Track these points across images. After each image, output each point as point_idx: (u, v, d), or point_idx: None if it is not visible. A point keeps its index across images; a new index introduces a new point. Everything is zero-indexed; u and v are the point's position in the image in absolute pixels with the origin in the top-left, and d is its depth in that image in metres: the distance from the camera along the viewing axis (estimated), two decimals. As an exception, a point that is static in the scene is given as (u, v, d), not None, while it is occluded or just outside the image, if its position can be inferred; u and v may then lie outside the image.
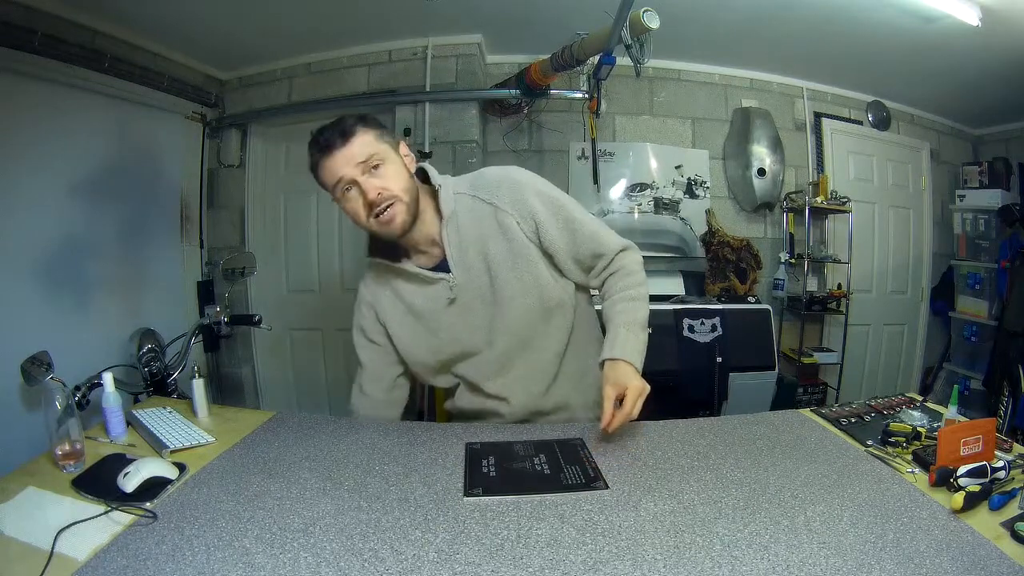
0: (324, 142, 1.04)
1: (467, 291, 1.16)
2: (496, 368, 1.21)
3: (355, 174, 1.04)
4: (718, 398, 2.58)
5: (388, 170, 1.07)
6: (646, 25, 1.88)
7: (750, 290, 3.02)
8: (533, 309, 1.17)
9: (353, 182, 1.05)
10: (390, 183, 1.06)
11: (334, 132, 1.04)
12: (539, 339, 1.20)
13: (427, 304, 1.18)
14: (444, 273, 1.16)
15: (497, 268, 1.15)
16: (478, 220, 1.15)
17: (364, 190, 1.05)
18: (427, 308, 1.18)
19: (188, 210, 2.93)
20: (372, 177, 1.05)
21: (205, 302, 2.83)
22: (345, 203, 1.08)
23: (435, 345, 1.21)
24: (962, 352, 3.45)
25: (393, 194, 1.06)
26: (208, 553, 0.75)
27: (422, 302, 1.18)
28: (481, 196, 1.15)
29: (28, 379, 1.54)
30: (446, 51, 2.76)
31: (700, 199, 3.14)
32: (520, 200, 1.14)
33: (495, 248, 1.14)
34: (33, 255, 2.06)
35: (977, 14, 2.16)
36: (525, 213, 1.14)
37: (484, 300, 1.17)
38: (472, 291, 1.16)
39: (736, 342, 2.59)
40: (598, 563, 0.72)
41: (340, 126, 1.05)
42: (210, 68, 2.91)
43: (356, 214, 1.08)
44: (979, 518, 0.81)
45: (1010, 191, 3.33)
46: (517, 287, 1.15)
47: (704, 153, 3.17)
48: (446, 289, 1.16)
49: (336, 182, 1.05)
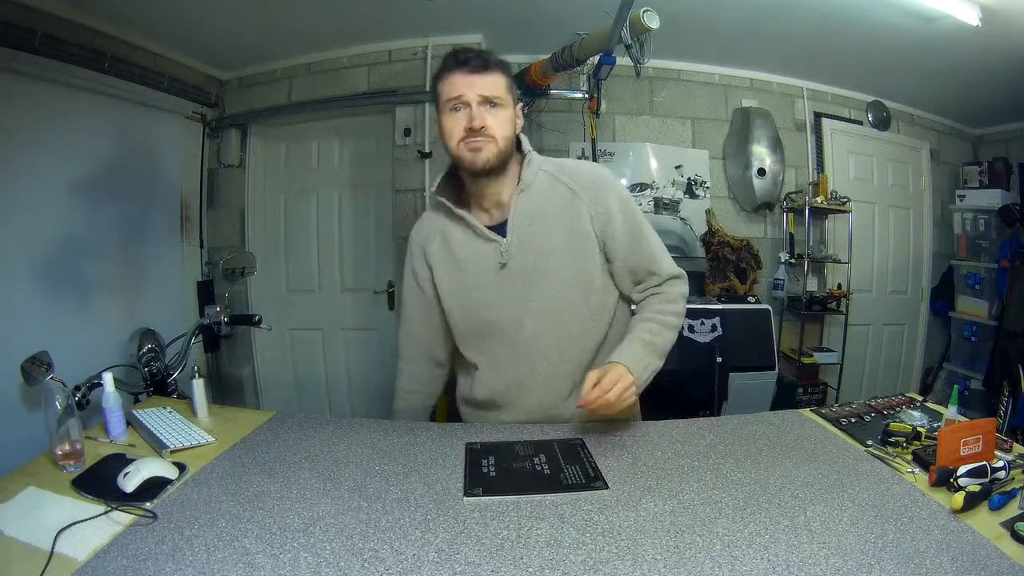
0: (463, 59, 1.10)
1: (516, 260, 1.16)
2: (522, 355, 1.19)
3: (473, 100, 1.09)
4: (718, 398, 2.58)
5: (500, 115, 1.11)
6: (646, 25, 1.88)
7: (750, 290, 3.02)
8: (573, 303, 1.17)
9: (467, 104, 1.09)
10: (496, 125, 1.10)
11: (478, 57, 1.10)
12: (568, 341, 1.19)
13: (473, 260, 1.18)
14: (499, 236, 1.16)
15: (553, 250, 1.16)
16: (552, 199, 1.17)
17: (472, 116, 1.08)
18: (472, 264, 1.18)
19: (188, 210, 2.93)
20: (485, 112, 1.10)
21: (205, 302, 2.83)
22: (447, 118, 1.12)
23: (468, 304, 1.20)
24: (962, 352, 3.45)
25: (492, 134, 1.10)
26: (208, 553, 0.75)
27: (468, 255, 1.19)
28: (563, 179, 1.18)
29: (28, 379, 1.53)
30: (446, 51, 2.75)
31: (700, 199, 3.14)
32: (600, 193, 1.17)
33: (559, 230, 1.16)
34: (33, 255, 2.05)
35: (977, 14, 2.16)
36: (600, 206, 1.16)
37: (527, 276, 1.16)
38: (520, 263, 1.16)
39: (736, 342, 2.59)
40: (598, 563, 0.72)
41: (485, 56, 1.10)
42: (210, 68, 2.91)
43: (451, 133, 1.11)
44: (979, 518, 0.80)
45: (1010, 191, 3.33)
46: (566, 275, 1.16)
47: (704, 153, 3.17)
48: (497, 252, 1.16)
49: (454, 97, 1.09)
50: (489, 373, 1.23)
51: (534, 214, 1.16)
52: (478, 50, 1.12)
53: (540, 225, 1.16)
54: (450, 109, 1.11)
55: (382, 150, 2.90)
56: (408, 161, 2.77)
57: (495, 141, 1.10)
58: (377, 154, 2.94)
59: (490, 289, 1.17)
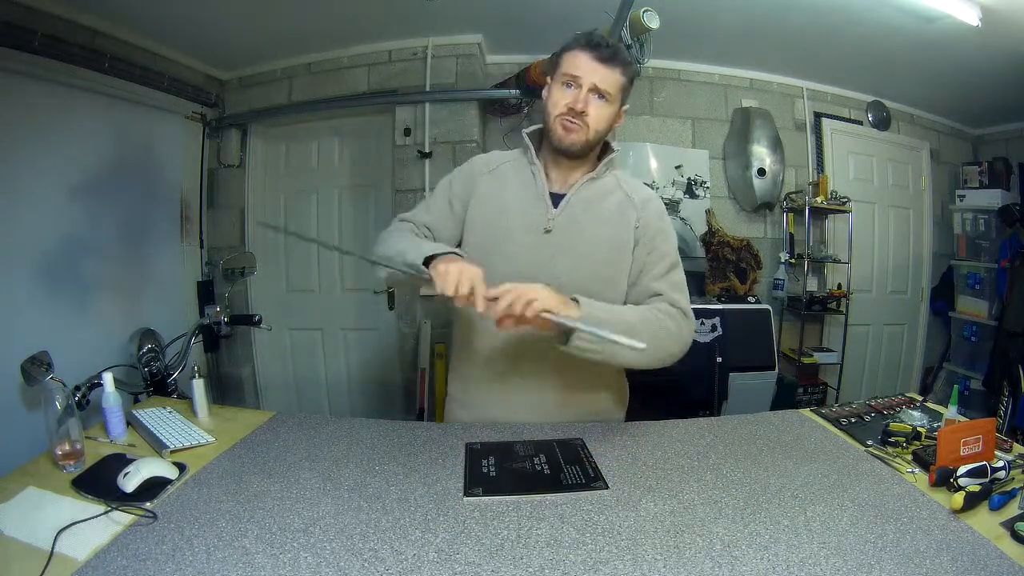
0: (595, 43, 1.13)
1: (560, 233, 1.19)
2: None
3: (586, 84, 1.12)
4: (718, 398, 2.58)
5: (604, 108, 1.15)
6: (646, 25, 1.88)
7: (750, 290, 3.02)
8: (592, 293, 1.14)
9: (580, 87, 1.12)
10: (596, 115, 1.14)
11: (609, 48, 1.13)
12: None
13: (517, 212, 1.20)
14: (552, 205, 1.20)
15: (597, 240, 1.19)
16: (611, 199, 1.22)
17: (579, 98, 1.12)
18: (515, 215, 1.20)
19: (188, 210, 2.93)
20: (594, 100, 1.13)
21: (205, 302, 2.83)
22: (557, 89, 1.15)
23: (490, 246, 1.19)
24: (962, 352, 3.45)
25: (589, 123, 1.14)
26: (208, 553, 0.75)
27: (514, 205, 1.21)
28: (625, 187, 1.24)
29: (28, 379, 1.53)
30: (446, 51, 2.76)
31: (700, 199, 3.14)
32: (651, 209, 1.23)
33: (608, 227, 1.20)
34: (33, 255, 2.05)
35: (977, 14, 2.16)
36: (647, 218, 1.21)
37: (564, 251, 1.18)
38: (563, 236, 1.19)
39: (736, 342, 2.59)
40: (598, 563, 0.72)
41: (617, 50, 1.14)
42: (210, 68, 2.91)
43: (556, 104, 1.14)
44: (979, 518, 0.81)
45: (1010, 191, 3.33)
46: (598, 266, 1.18)
47: (704, 153, 3.17)
48: (544, 218, 1.19)
49: (572, 74, 1.12)
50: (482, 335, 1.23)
51: (592, 201, 1.21)
52: (613, 41, 1.16)
53: (594, 213, 1.20)
54: (563, 83, 1.14)
55: (382, 150, 2.90)
56: (408, 161, 2.77)
57: (588, 129, 1.14)
58: (377, 154, 2.94)
59: (522, 246, 1.19)
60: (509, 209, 1.21)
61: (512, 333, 1.11)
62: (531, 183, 1.22)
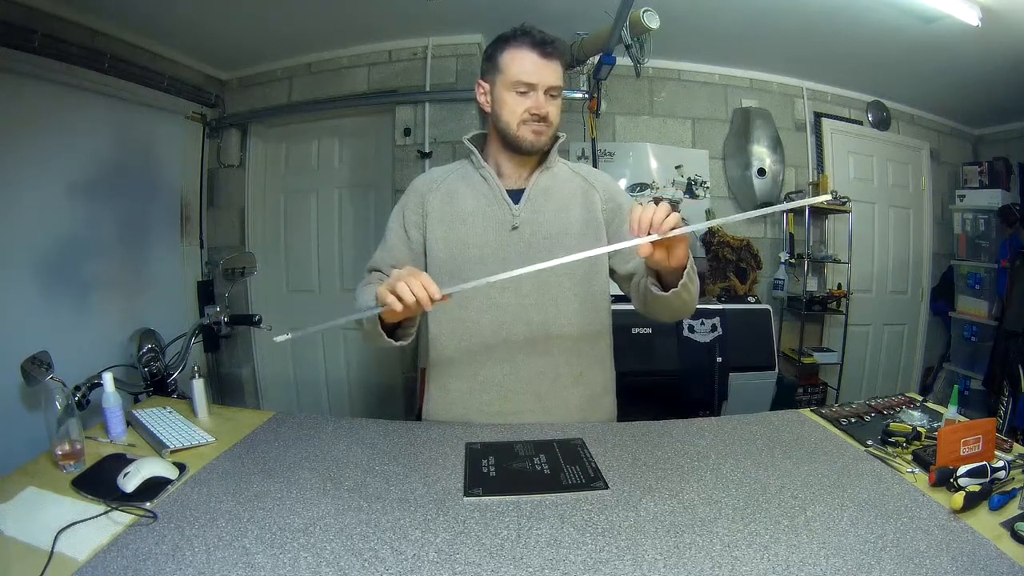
0: (538, 40, 1.15)
1: (528, 227, 1.20)
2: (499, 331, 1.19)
3: (542, 88, 1.15)
4: (718, 398, 2.58)
5: (559, 104, 1.20)
6: (646, 25, 1.88)
7: (750, 290, 3.02)
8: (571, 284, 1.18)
9: (534, 90, 1.15)
10: (555, 113, 1.19)
11: (551, 43, 1.15)
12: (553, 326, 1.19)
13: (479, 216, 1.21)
14: (512, 202, 1.21)
15: (569, 224, 1.21)
16: (570, 184, 1.26)
17: (540, 104, 1.15)
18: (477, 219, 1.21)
19: (188, 210, 2.93)
20: (550, 101, 1.17)
21: (205, 302, 2.83)
22: (511, 97, 1.16)
23: (460, 256, 1.20)
24: (962, 352, 3.45)
25: (552, 121, 1.19)
26: (208, 553, 0.75)
27: (473, 211, 1.22)
28: (580, 173, 1.29)
29: (28, 379, 1.54)
30: (446, 51, 2.76)
31: (700, 199, 3.14)
32: (611, 189, 1.28)
33: (575, 210, 1.22)
34: (33, 255, 2.05)
35: (977, 14, 2.16)
36: (612, 202, 1.25)
37: (538, 244, 1.18)
38: (532, 229, 1.20)
39: (736, 342, 2.59)
40: (598, 563, 0.72)
41: (555, 41, 1.17)
42: (210, 68, 2.91)
43: (513, 111, 1.16)
44: (979, 518, 0.81)
45: (1010, 191, 3.33)
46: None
47: (704, 153, 3.17)
48: (508, 215, 1.20)
49: (526, 81, 1.14)
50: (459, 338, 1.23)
51: (552, 190, 1.23)
52: (549, 34, 1.16)
53: (556, 201, 1.22)
54: (518, 92, 1.15)
55: (382, 150, 2.90)
56: (408, 161, 2.77)
57: (552, 127, 1.19)
58: (377, 154, 2.94)
59: (490, 248, 1.20)
60: (468, 216, 1.21)
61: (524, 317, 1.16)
62: (484, 186, 1.23)
